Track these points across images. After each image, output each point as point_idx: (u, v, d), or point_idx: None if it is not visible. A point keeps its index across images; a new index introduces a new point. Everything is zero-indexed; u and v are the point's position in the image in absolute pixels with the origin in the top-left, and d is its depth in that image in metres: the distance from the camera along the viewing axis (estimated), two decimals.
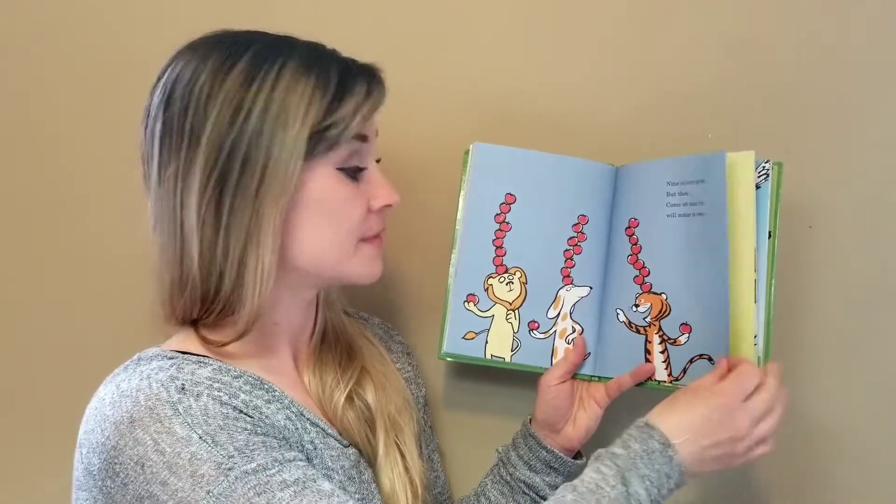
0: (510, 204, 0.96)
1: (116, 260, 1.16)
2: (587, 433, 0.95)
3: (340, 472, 0.84)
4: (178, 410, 0.74)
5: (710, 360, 0.88)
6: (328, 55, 0.84)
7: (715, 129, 1.01)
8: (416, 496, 0.90)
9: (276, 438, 0.77)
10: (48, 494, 1.04)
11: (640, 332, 0.93)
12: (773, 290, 0.87)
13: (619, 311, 0.95)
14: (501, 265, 0.96)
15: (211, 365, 0.80)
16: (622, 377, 0.93)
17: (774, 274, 0.87)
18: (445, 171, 1.02)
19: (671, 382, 0.90)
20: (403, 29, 1.09)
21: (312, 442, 0.83)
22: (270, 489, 0.72)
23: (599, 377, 0.96)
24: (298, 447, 0.81)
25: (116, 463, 0.74)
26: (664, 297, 0.91)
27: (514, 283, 0.96)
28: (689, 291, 0.90)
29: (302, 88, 0.79)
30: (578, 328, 0.96)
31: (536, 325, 0.96)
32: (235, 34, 0.84)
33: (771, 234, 0.87)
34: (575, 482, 0.77)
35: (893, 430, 0.99)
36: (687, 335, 0.90)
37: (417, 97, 1.07)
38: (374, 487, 0.88)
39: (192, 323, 0.83)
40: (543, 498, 0.96)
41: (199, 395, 0.75)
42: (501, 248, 0.96)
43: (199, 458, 0.72)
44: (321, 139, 0.80)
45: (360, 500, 0.74)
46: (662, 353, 0.91)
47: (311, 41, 0.85)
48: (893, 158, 0.98)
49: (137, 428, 0.73)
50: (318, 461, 0.82)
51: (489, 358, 0.96)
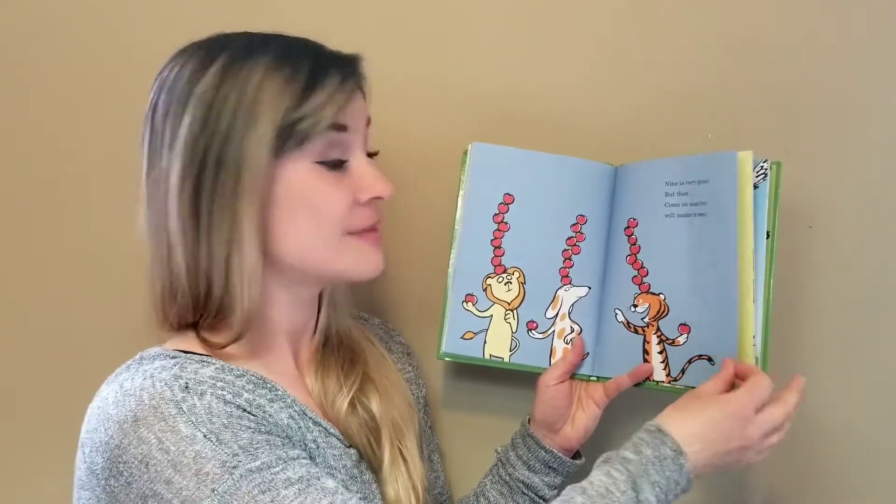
0: (508, 204, 0.96)
1: (117, 259, 1.15)
2: (586, 433, 0.95)
3: (343, 471, 0.84)
4: (182, 409, 0.74)
5: (709, 360, 0.88)
6: (303, 49, 0.83)
7: (715, 129, 1.01)
8: (418, 499, 0.90)
9: (279, 437, 0.77)
10: (48, 494, 1.04)
11: (638, 332, 0.93)
12: (771, 290, 0.87)
13: (617, 311, 0.95)
14: (500, 265, 0.96)
15: (214, 364, 0.80)
16: (620, 377, 0.93)
17: (773, 274, 0.87)
18: (444, 170, 1.02)
19: (669, 383, 0.90)
20: (403, 28, 1.09)
21: (315, 441, 0.83)
22: (275, 487, 0.72)
23: (598, 377, 0.96)
24: (301, 446, 0.81)
25: (120, 462, 0.74)
26: (662, 297, 0.91)
27: (512, 283, 0.96)
28: (689, 292, 0.89)
29: (271, 84, 0.79)
30: (577, 328, 0.96)
31: (535, 325, 0.96)
32: (220, 37, 0.83)
33: (769, 234, 0.87)
34: (584, 484, 0.76)
35: (893, 430, 0.99)
36: (686, 335, 0.90)
37: (416, 97, 1.07)
38: (374, 487, 0.88)
39: (190, 326, 0.83)
40: (542, 498, 0.96)
41: (202, 393, 0.75)
42: (500, 248, 0.96)
43: (203, 456, 0.72)
44: (291, 133, 0.79)
45: (362, 498, 0.74)
46: (661, 353, 0.91)
47: (295, 37, 0.84)
48: (893, 158, 0.98)
49: (141, 427, 0.73)
50: (320, 460, 0.82)
51: (488, 358, 0.96)
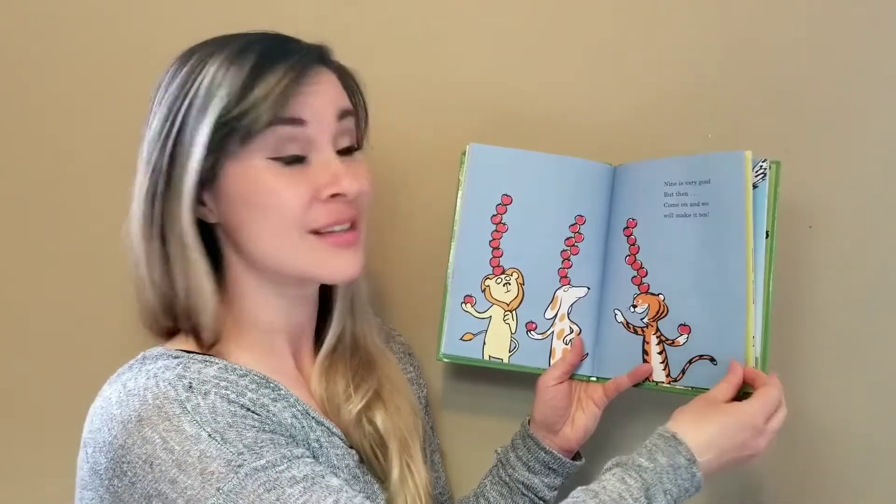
0: (507, 205, 0.96)
1: (117, 259, 1.14)
2: (585, 434, 0.95)
3: (345, 470, 0.84)
4: (186, 409, 0.74)
5: (711, 360, 0.87)
6: (258, 43, 0.81)
7: (715, 129, 1.01)
8: None
9: (283, 436, 0.77)
10: (49, 494, 1.04)
11: (637, 332, 0.92)
12: (770, 290, 0.87)
13: (616, 311, 0.94)
14: (498, 266, 0.96)
15: (217, 364, 0.80)
16: (620, 378, 0.93)
17: (773, 274, 0.87)
18: (442, 171, 1.02)
19: (669, 383, 0.90)
20: (403, 29, 1.09)
21: (318, 440, 0.83)
22: (280, 485, 0.72)
23: (597, 378, 0.96)
24: (305, 445, 0.81)
25: (124, 462, 0.73)
26: (662, 297, 0.91)
27: (511, 283, 0.96)
28: (690, 292, 0.89)
29: (218, 82, 0.78)
30: (576, 329, 0.96)
31: (534, 325, 0.96)
32: (206, 41, 0.83)
33: (768, 233, 0.87)
34: (595, 488, 0.76)
35: (893, 430, 0.99)
36: (686, 336, 0.89)
37: (414, 97, 1.07)
38: (377, 488, 0.88)
39: (173, 330, 0.84)
40: (542, 499, 0.96)
41: (206, 393, 0.75)
42: (498, 248, 0.96)
43: (208, 455, 0.72)
44: (233, 129, 0.77)
45: (366, 497, 0.74)
46: (660, 353, 0.91)
47: (260, 32, 0.83)
48: (893, 158, 0.98)
49: (146, 426, 0.73)
50: (323, 459, 0.82)
51: (487, 359, 0.96)
